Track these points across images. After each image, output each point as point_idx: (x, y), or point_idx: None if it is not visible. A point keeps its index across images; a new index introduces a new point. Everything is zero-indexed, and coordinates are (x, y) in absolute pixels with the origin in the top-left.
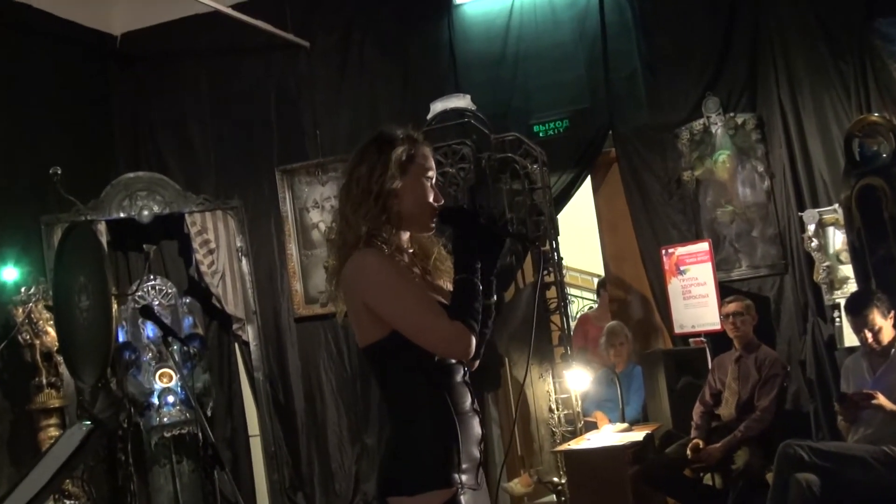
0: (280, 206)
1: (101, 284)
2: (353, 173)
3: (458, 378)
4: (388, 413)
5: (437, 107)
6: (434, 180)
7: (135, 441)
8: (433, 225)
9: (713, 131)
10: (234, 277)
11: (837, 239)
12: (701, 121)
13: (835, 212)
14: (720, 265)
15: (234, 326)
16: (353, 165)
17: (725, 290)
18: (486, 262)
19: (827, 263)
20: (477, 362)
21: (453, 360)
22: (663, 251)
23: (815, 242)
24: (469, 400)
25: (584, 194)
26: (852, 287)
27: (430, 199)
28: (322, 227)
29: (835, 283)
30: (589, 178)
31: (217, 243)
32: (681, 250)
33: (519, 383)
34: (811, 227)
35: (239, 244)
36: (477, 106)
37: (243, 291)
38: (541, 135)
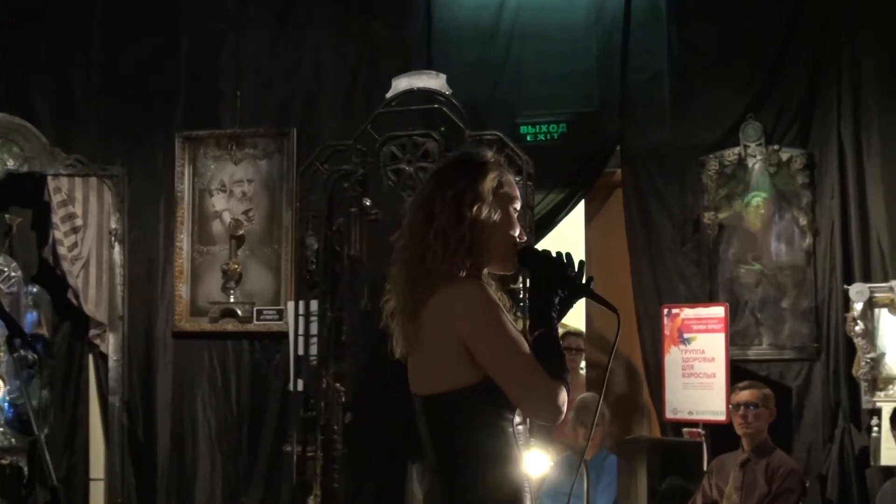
0: (176, 182)
1: None
2: (432, 196)
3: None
4: (444, 472)
5: (402, 84)
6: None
7: None
8: (516, 264)
9: (749, 165)
10: (102, 268)
11: (890, 326)
12: (736, 149)
13: (891, 290)
14: (735, 338)
15: (92, 333)
16: (432, 188)
17: (738, 372)
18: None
19: (872, 355)
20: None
21: (518, 422)
22: (665, 311)
23: (860, 326)
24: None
25: (574, 223)
26: None
27: (517, 234)
28: (227, 217)
29: (878, 382)
30: (583, 203)
31: (85, 220)
32: (688, 312)
33: None
34: (858, 307)
35: (114, 225)
36: (452, 90)
37: (110, 288)
38: (528, 138)
